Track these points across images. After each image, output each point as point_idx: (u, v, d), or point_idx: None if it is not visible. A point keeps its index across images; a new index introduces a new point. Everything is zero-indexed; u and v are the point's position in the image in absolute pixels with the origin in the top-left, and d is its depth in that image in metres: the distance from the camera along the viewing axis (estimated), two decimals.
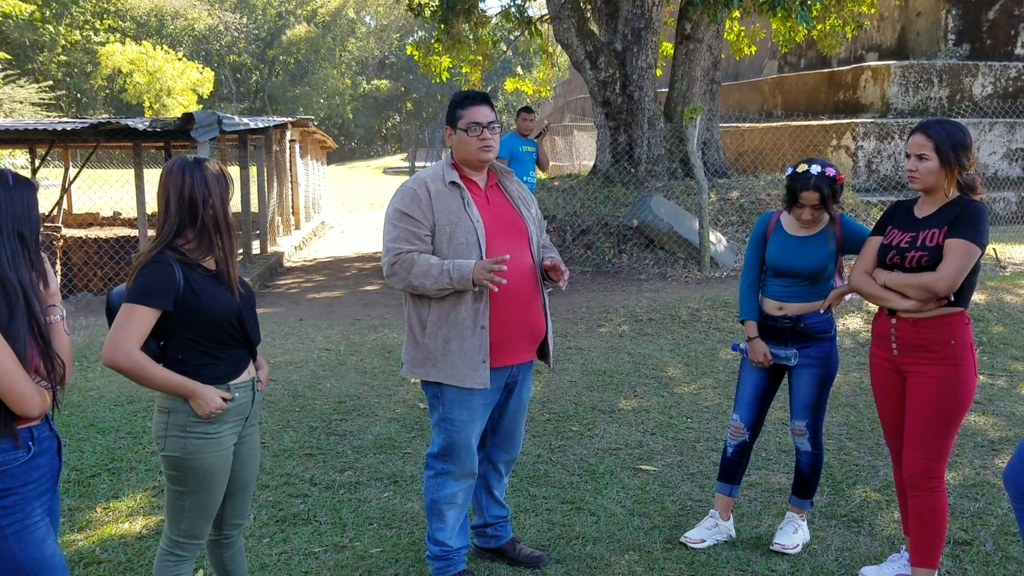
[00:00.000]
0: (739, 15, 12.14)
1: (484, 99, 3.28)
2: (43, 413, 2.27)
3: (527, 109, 9.52)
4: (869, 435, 5.02)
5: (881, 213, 3.37)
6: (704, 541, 3.71)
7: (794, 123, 14.92)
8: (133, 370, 2.55)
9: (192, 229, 2.64)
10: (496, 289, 3.06)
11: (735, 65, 19.73)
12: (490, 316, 3.17)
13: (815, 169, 3.41)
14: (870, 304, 7.39)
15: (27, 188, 2.25)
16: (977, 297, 7.68)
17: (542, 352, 3.47)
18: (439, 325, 3.17)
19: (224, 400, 2.66)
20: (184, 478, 2.67)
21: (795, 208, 3.49)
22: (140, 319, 2.55)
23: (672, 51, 12.53)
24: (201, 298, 2.61)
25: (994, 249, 9.90)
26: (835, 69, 15.81)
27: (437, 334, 3.17)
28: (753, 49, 15.66)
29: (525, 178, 9.15)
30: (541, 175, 10.24)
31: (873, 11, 14.32)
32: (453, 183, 3.21)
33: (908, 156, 3.14)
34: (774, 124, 15.27)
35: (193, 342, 2.64)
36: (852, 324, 7.44)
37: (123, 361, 2.54)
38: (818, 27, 13.89)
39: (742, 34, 15.35)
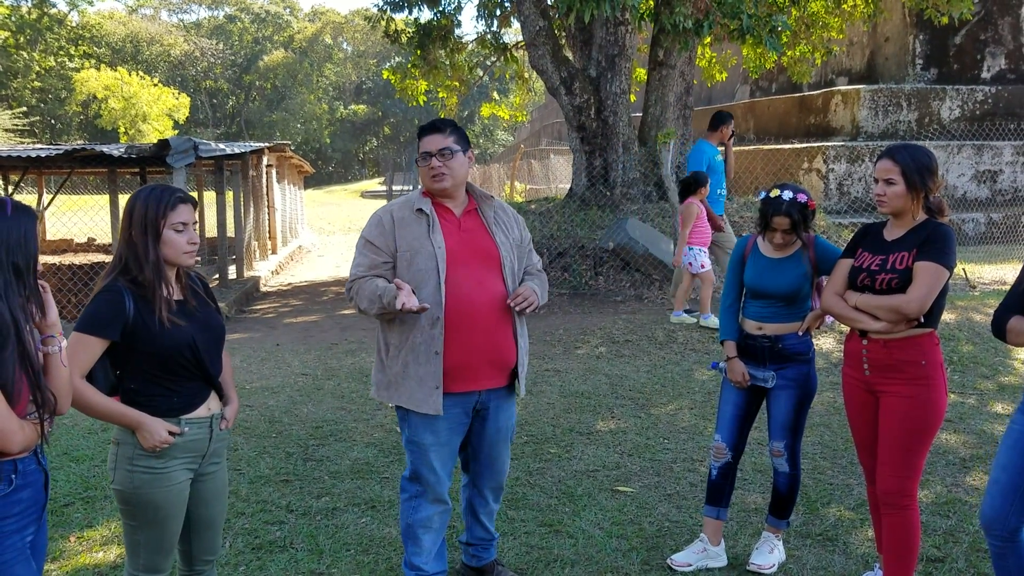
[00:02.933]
0: (710, 42, 12.32)
1: (434, 127, 3.26)
2: (25, 449, 2.22)
3: (729, 115, 8.55)
4: (843, 454, 5.08)
5: (852, 234, 3.44)
6: (691, 565, 3.71)
7: (766, 147, 15.13)
8: (73, 398, 2.51)
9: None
10: (400, 310, 3.02)
11: (708, 90, 20.00)
12: (446, 342, 3.16)
13: (787, 195, 3.48)
14: (842, 325, 7.48)
15: (26, 217, 2.21)
16: (947, 316, 7.79)
17: (514, 379, 3.40)
18: (399, 349, 3.22)
19: (172, 434, 2.61)
20: (133, 512, 2.64)
21: (767, 232, 3.57)
22: (85, 348, 2.54)
23: (645, 77, 12.68)
24: (151, 328, 2.57)
25: (963, 269, 10.06)
26: (806, 94, 16.08)
27: (397, 358, 3.22)
28: (725, 75, 15.88)
29: (719, 191, 8.34)
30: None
31: (842, 36, 14.59)
32: (419, 210, 3.24)
33: (876, 181, 3.21)
34: (747, 148, 15.47)
35: (146, 372, 2.61)
36: (825, 345, 7.53)
37: None
38: (788, 53, 14.13)
39: (714, 60, 15.57)
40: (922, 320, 3.11)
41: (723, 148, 8.48)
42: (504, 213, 3.44)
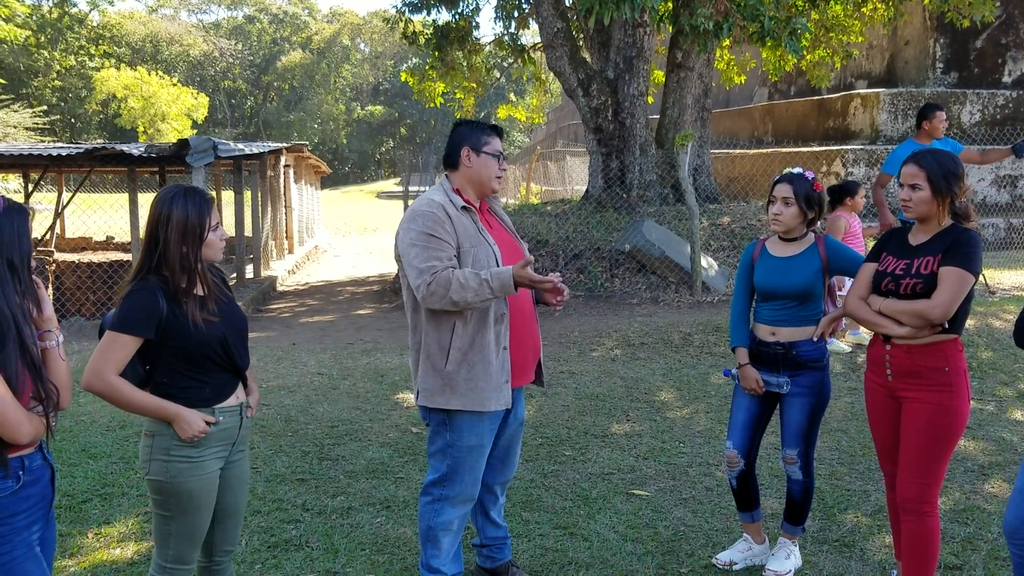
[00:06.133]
0: (729, 44, 12.28)
1: (502, 132, 3.40)
2: (34, 441, 2.24)
3: (938, 107, 7.12)
4: (860, 460, 5.04)
5: (870, 238, 3.43)
6: (736, 563, 3.74)
7: (784, 149, 15.06)
8: (110, 395, 2.59)
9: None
10: (559, 287, 3.10)
11: (726, 93, 19.92)
12: (510, 337, 3.25)
13: (795, 171, 3.58)
14: (863, 330, 7.43)
15: (18, 214, 2.24)
16: (966, 322, 7.72)
17: (536, 372, 3.52)
18: (465, 351, 3.17)
19: (208, 424, 2.66)
20: (168, 502, 2.67)
21: (770, 207, 3.60)
22: (120, 346, 2.59)
23: (663, 79, 12.66)
24: (183, 325, 2.62)
25: (983, 275, 9.97)
26: (825, 97, 15.99)
27: (463, 360, 3.17)
28: (743, 78, 15.83)
29: None
30: None
31: (861, 40, 14.51)
32: (464, 207, 3.25)
33: (901, 186, 3.19)
34: (764, 151, 15.40)
35: (177, 366, 2.66)
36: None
37: (99, 386, 2.58)
38: (808, 57, 14.06)
39: (732, 63, 15.52)
40: (946, 326, 3.09)
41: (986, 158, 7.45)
42: (501, 208, 3.56)
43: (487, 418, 3.24)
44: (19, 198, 18.38)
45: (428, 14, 14.51)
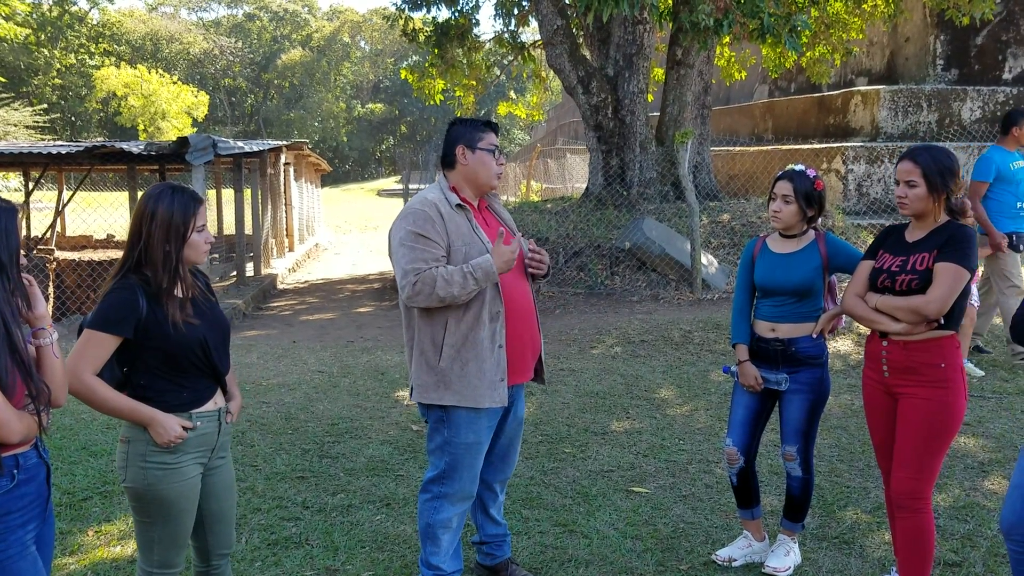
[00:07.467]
0: (729, 41, 12.27)
1: (499, 130, 3.39)
2: (25, 439, 2.22)
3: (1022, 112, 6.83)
4: (860, 457, 5.04)
5: (871, 235, 3.43)
6: (736, 560, 3.74)
7: (784, 147, 15.05)
8: (85, 394, 2.54)
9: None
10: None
11: (726, 90, 19.90)
12: (506, 335, 3.24)
13: (796, 168, 3.58)
14: (861, 327, 7.43)
15: (5, 212, 2.22)
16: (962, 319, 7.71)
17: (536, 370, 3.52)
18: (458, 348, 3.17)
19: (185, 428, 2.62)
20: (147, 509, 2.63)
21: (771, 203, 3.60)
22: (97, 345, 2.55)
23: (663, 76, 12.65)
24: (163, 326, 2.58)
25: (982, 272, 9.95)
26: (825, 94, 15.97)
27: (456, 357, 3.18)
28: (743, 75, 15.81)
29: (1019, 204, 6.72)
30: None
31: (861, 37, 14.49)
32: (459, 205, 3.25)
33: (897, 183, 3.19)
34: (765, 148, 15.39)
35: (155, 369, 2.62)
36: (843, 347, 7.48)
37: (74, 384, 2.52)
38: (808, 54, 14.04)
39: (732, 60, 15.51)
40: (942, 322, 3.09)
41: None
42: (501, 206, 3.55)
43: (484, 415, 3.24)
44: (19, 196, 18.42)
45: (428, 11, 14.49)
